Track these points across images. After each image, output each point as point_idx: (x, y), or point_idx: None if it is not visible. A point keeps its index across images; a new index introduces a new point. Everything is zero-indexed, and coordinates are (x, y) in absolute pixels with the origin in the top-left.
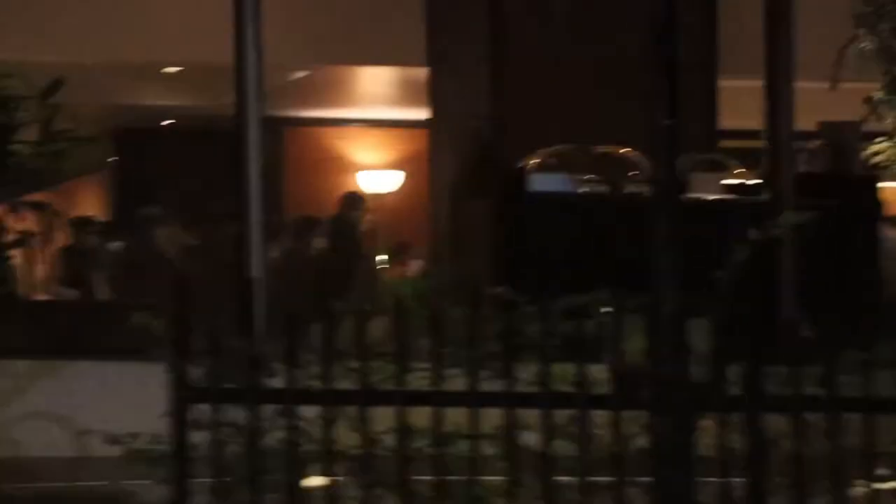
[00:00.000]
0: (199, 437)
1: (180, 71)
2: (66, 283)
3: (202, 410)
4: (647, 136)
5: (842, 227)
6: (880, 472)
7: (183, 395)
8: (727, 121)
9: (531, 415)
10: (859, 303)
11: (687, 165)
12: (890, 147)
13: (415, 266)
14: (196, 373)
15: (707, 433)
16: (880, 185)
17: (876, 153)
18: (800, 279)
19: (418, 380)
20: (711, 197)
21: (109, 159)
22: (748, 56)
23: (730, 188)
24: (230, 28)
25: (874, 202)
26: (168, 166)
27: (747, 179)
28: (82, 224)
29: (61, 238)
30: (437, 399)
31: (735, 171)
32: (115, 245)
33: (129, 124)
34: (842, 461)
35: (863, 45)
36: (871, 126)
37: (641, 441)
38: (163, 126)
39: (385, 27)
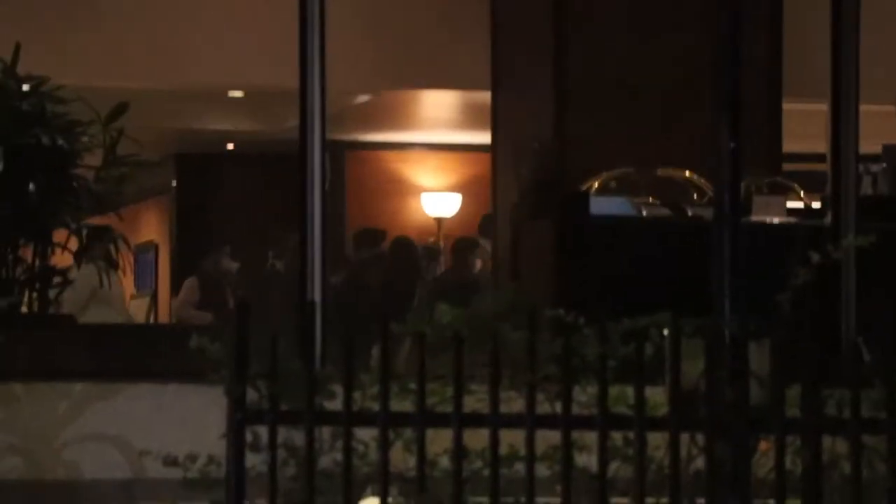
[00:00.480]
0: (256, 460)
1: (244, 95)
2: (201, 306)
3: (260, 433)
4: (709, 158)
5: None
6: None
7: (240, 417)
8: (792, 143)
9: (588, 437)
10: None
11: (750, 188)
12: None
13: (479, 266)
14: (254, 395)
15: (765, 456)
16: None
17: None
18: (861, 302)
19: (475, 402)
20: (774, 220)
21: (172, 183)
22: (814, 78)
23: (793, 211)
24: (294, 52)
25: None
26: (230, 190)
27: (811, 203)
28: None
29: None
30: (494, 421)
31: (799, 195)
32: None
33: (192, 149)
34: None
35: None
36: None
37: (698, 463)
38: (226, 150)
39: (449, 50)
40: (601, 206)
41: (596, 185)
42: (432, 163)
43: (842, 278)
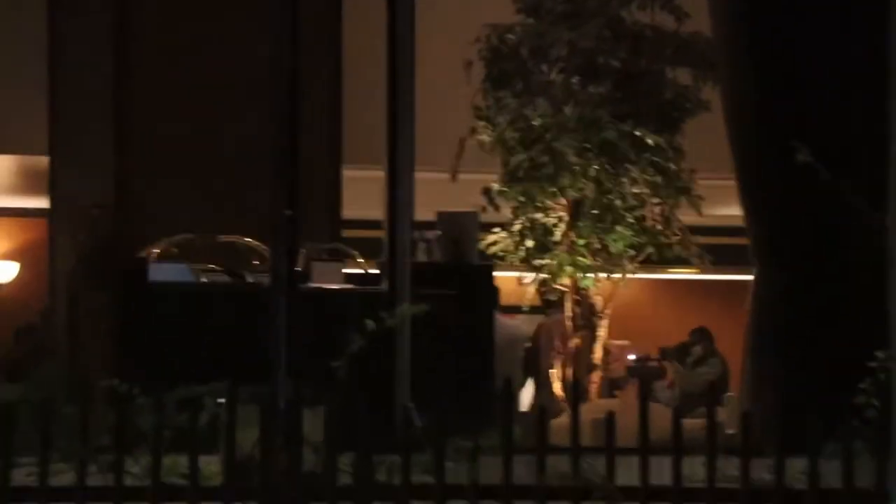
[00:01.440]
0: None
1: None
2: None
3: None
4: (267, 225)
5: (458, 317)
6: None
7: None
8: (352, 210)
9: None
10: (474, 391)
11: (309, 255)
12: (506, 237)
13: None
14: None
15: None
16: (496, 274)
17: (493, 243)
18: (415, 368)
19: (24, 476)
20: (332, 286)
21: None
22: (372, 146)
23: (351, 278)
24: None
25: (490, 291)
26: None
27: (369, 269)
28: None
29: None
30: (40, 495)
31: (357, 261)
32: None
33: None
34: None
35: (481, 136)
36: (489, 217)
37: None
38: None
39: (4, 115)
40: (160, 272)
41: (156, 251)
42: None
43: (396, 345)
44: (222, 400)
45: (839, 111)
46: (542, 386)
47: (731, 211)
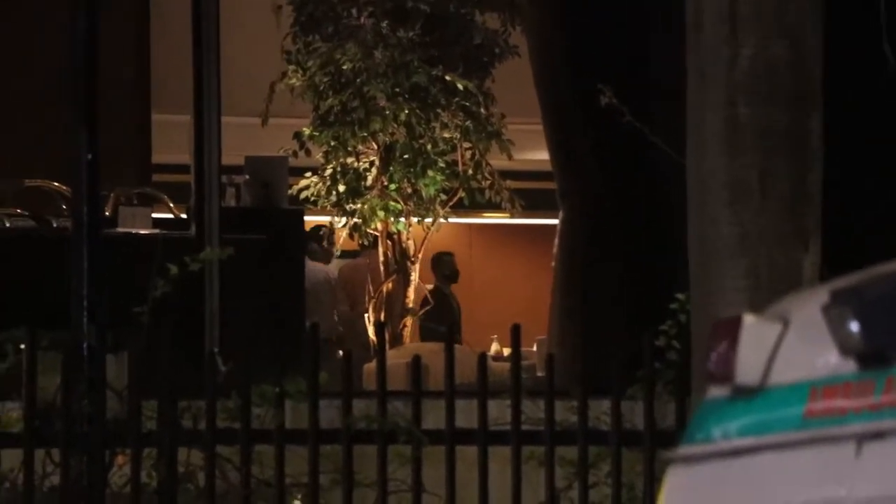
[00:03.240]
0: None
1: None
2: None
3: None
4: (70, 170)
5: (267, 262)
6: (296, 503)
7: None
8: (164, 155)
9: None
10: (281, 335)
11: (118, 199)
12: (317, 182)
13: None
14: None
15: (122, 469)
16: (308, 219)
17: (305, 188)
18: (225, 314)
19: None
20: (139, 231)
21: None
22: (183, 92)
23: (161, 223)
24: None
25: (299, 236)
26: None
27: (180, 214)
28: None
29: None
30: None
31: (168, 206)
32: None
33: None
34: (255, 493)
35: (291, 81)
36: (301, 161)
37: (55, 479)
38: None
39: None
40: None
41: None
42: None
43: (205, 291)
44: (23, 346)
45: (642, 55)
46: (354, 330)
47: (541, 156)
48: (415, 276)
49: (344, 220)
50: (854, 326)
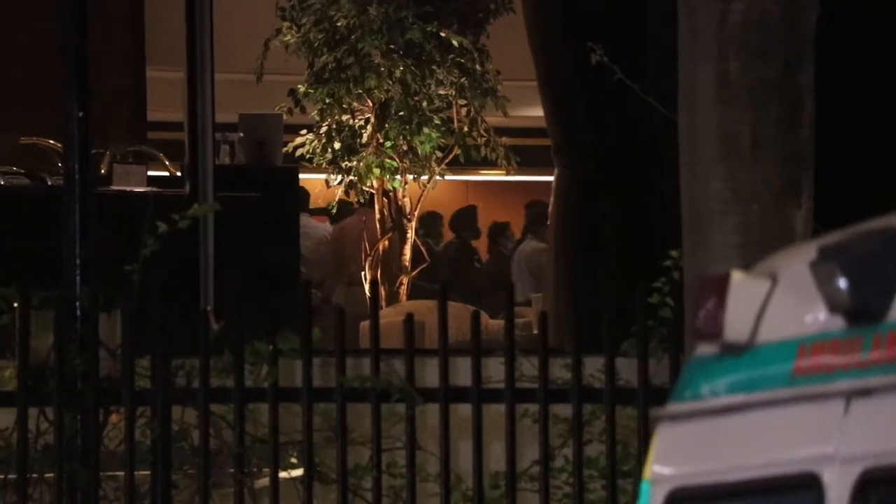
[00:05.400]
0: None
1: None
2: None
3: None
4: (62, 127)
5: (262, 219)
6: (292, 460)
7: None
8: (160, 113)
9: None
10: (278, 293)
11: (113, 157)
12: (313, 139)
13: None
14: None
15: (117, 428)
16: (303, 176)
17: (300, 145)
18: (218, 271)
19: None
20: (133, 189)
21: None
22: (178, 48)
23: (155, 180)
24: None
25: (294, 193)
26: None
27: (176, 171)
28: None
29: None
30: None
31: (164, 163)
32: None
33: None
34: (249, 451)
35: (286, 38)
36: (296, 119)
37: (49, 438)
38: None
39: None
40: None
41: None
42: None
43: (199, 248)
44: (16, 305)
45: (636, 10)
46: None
47: (537, 112)
48: (411, 234)
49: (339, 177)
50: (842, 283)
